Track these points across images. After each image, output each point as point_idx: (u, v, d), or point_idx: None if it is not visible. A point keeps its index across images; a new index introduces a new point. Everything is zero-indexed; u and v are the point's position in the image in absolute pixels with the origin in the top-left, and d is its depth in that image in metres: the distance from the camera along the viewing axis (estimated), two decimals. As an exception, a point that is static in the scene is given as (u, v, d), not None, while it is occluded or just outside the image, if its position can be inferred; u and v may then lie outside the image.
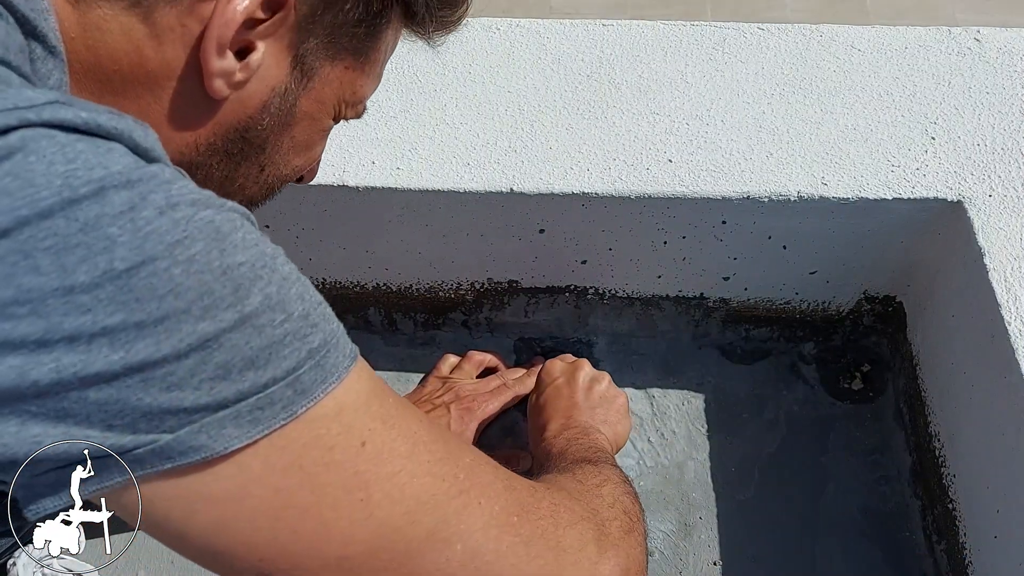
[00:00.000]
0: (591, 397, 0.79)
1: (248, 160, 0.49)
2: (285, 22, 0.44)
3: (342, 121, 0.54)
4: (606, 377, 0.83)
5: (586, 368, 0.83)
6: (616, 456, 0.86)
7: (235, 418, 0.36)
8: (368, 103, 0.55)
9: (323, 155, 0.57)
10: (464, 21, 0.54)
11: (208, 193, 0.37)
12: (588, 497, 0.54)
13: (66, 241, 0.32)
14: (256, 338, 0.35)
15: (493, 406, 0.86)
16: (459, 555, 0.42)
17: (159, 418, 0.34)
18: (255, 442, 0.36)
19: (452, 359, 0.92)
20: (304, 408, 0.37)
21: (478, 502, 0.43)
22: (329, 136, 0.56)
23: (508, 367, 0.93)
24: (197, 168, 0.47)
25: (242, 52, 0.44)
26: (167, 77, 0.43)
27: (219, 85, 0.43)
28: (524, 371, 0.91)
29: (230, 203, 0.37)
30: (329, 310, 0.41)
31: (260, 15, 0.43)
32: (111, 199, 0.33)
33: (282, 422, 0.37)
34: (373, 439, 0.40)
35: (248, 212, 0.39)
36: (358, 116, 0.55)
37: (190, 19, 0.41)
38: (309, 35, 0.46)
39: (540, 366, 0.86)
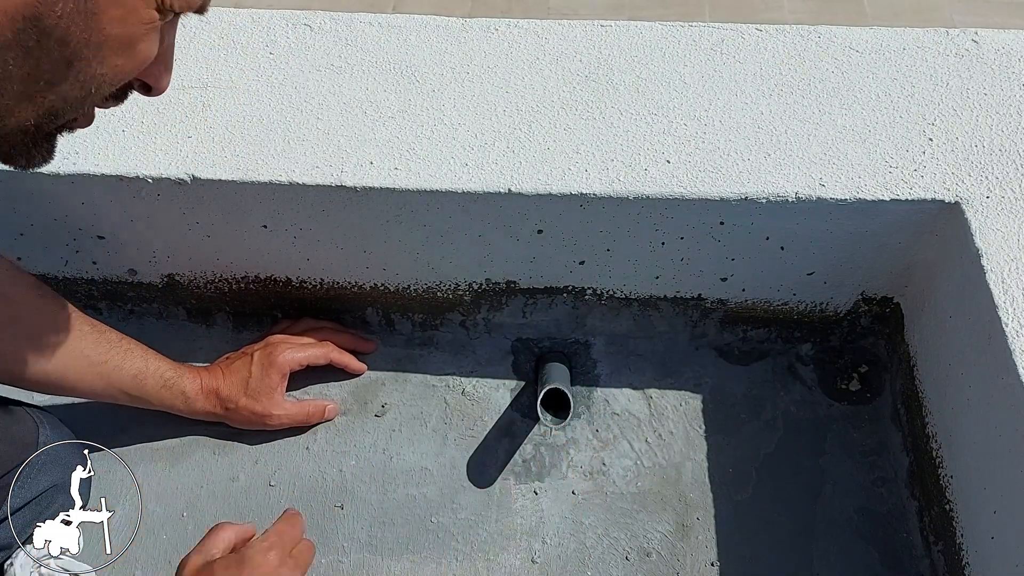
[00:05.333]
0: None
1: (50, 55, 0.44)
2: None
3: (184, 15, 0.48)
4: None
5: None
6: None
7: None
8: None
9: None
10: None
11: None
12: None
13: None
14: None
15: (298, 355, 0.86)
16: None
17: None
18: None
19: (285, 322, 0.94)
20: None
21: None
22: (176, 33, 0.50)
23: (360, 340, 0.94)
24: None
25: None
26: None
27: None
28: (352, 341, 0.92)
29: None
30: None
31: None
32: None
33: None
34: None
35: None
36: (196, 7, 0.48)
37: None
38: None
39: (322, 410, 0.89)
